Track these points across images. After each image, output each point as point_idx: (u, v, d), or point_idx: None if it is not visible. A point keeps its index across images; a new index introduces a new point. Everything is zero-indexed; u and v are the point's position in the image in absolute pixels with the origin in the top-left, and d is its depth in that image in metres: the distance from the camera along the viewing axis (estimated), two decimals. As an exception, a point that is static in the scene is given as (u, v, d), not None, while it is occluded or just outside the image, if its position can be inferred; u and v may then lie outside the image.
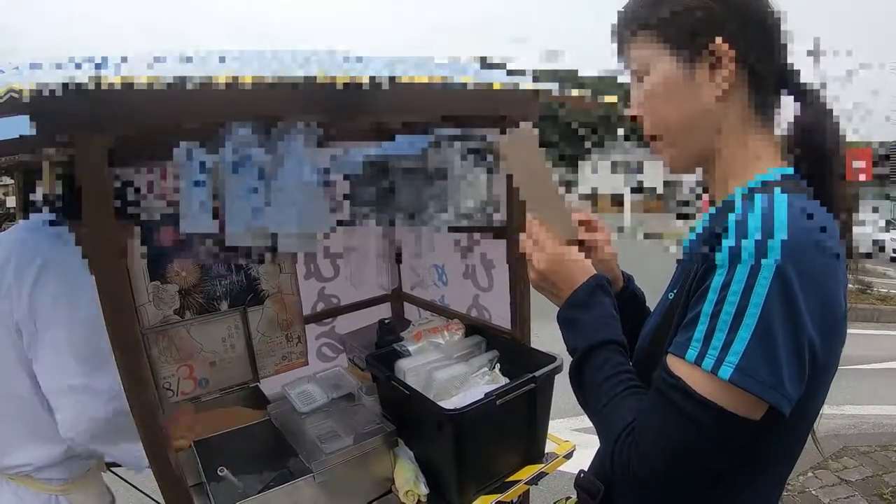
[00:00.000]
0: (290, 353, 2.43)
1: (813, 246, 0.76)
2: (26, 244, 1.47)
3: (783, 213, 0.76)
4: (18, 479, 1.50)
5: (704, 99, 0.92)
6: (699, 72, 0.91)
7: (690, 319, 0.82)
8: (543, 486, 1.82)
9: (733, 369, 0.75)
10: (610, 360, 0.95)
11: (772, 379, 0.75)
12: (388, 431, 1.65)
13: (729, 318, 0.76)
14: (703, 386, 0.78)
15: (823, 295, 0.77)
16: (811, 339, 0.76)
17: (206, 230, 1.47)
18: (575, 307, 1.03)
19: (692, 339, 0.80)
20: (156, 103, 1.08)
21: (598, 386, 0.94)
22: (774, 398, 0.75)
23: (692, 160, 0.99)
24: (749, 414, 0.77)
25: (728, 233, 0.78)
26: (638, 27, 0.96)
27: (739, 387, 0.75)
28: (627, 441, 0.85)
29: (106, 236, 1.13)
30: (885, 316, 9.28)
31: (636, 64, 0.98)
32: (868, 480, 3.71)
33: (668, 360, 0.84)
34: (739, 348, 0.75)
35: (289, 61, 1.35)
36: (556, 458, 1.78)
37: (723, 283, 0.77)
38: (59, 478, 1.53)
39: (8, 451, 1.48)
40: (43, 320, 1.42)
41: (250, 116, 1.29)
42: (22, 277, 1.42)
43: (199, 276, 2.13)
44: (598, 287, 1.03)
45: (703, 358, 0.78)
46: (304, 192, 1.53)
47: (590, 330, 0.99)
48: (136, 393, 1.24)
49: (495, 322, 2.15)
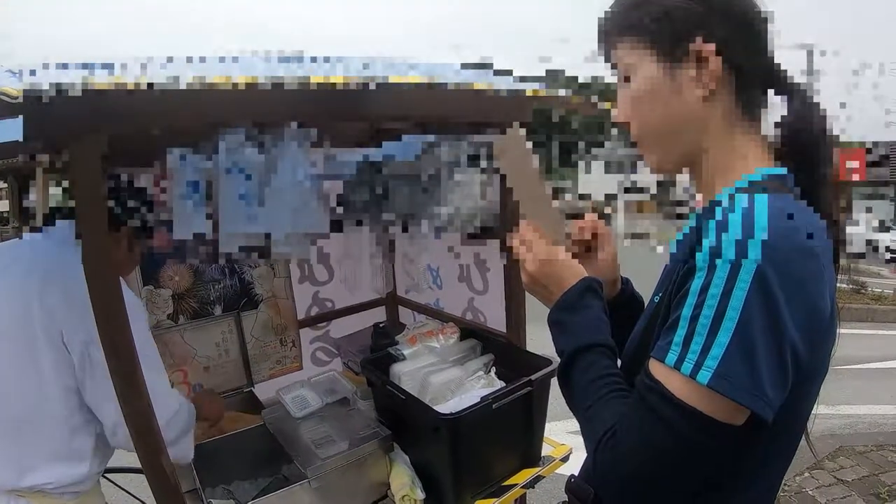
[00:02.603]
0: (285, 357, 2.42)
1: (794, 247, 0.75)
2: (68, 263, 1.39)
3: (763, 215, 0.75)
4: (30, 494, 1.46)
5: (689, 101, 0.91)
6: (683, 74, 0.90)
7: (671, 323, 0.81)
8: (540, 489, 1.82)
9: (711, 374, 0.74)
10: (596, 364, 0.94)
11: (751, 384, 0.73)
12: (384, 436, 1.65)
13: (708, 321, 0.75)
14: (681, 390, 0.77)
15: (806, 296, 0.76)
16: (793, 342, 0.75)
17: (200, 234, 1.46)
18: (564, 310, 1.02)
19: (672, 342, 0.79)
20: (149, 106, 1.08)
21: (583, 388, 0.94)
22: (754, 403, 0.74)
23: (678, 162, 0.99)
24: (729, 419, 0.76)
25: (708, 235, 0.78)
26: (621, 30, 0.96)
27: (718, 392, 0.74)
28: (609, 445, 0.85)
29: (100, 240, 1.13)
30: (879, 316, 9.32)
31: (621, 67, 0.97)
32: (864, 480, 3.71)
33: (649, 364, 0.83)
34: (718, 352, 0.74)
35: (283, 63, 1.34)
36: (553, 462, 1.77)
37: (702, 287, 0.77)
38: (72, 492, 1.50)
39: (29, 472, 1.44)
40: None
41: (243, 119, 1.29)
42: (73, 298, 1.35)
43: (193, 281, 2.12)
44: (588, 290, 1.02)
45: (682, 362, 0.77)
46: (298, 195, 1.52)
47: (578, 332, 0.98)
48: (130, 399, 1.24)
49: (491, 325, 2.15)
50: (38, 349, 1.41)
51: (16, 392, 1.42)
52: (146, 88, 0.96)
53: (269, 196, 1.48)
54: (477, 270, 2.16)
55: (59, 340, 1.40)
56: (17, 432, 1.43)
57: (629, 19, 0.94)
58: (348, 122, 1.81)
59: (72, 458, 1.47)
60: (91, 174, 1.08)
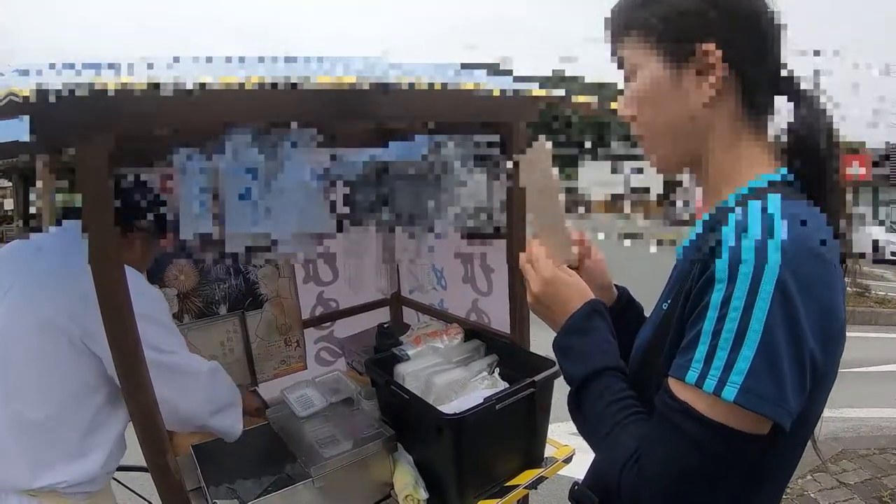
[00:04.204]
0: (289, 357, 2.43)
1: (810, 254, 0.74)
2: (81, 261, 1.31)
3: (779, 222, 0.74)
4: (42, 494, 1.45)
5: (692, 103, 0.90)
6: (687, 76, 0.89)
7: (690, 340, 0.80)
8: (543, 490, 1.82)
9: (738, 390, 0.73)
10: (610, 387, 0.93)
11: (777, 395, 0.73)
12: (388, 436, 1.65)
13: (731, 335, 0.74)
14: (708, 408, 0.76)
15: (823, 303, 0.75)
16: (812, 350, 0.74)
17: (206, 234, 1.47)
18: (571, 334, 1.01)
19: (692, 360, 0.78)
20: (157, 107, 1.08)
21: (599, 413, 0.92)
22: (779, 415, 0.74)
23: (680, 162, 0.98)
24: (757, 430, 0.76)
25: (724, 246, 0.77)
26: (628, 28, 0.95)
27: (745, 408, 0.73)
28: (633, 470, 0.84)
29: (106, 240, 1.14)
30: (883, 318, 9.29)
31: (627, 64, 0.96)
32: (867, 483, 3.71)
33: (669, 383, 0.82)
34: (743, 367, 0.73)
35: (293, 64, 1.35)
36: (556, 463, 1.77)
37: (723, 300, 0.75)
38: (83, 492, 1.50)
39: (43, 472, 1.44)
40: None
41: (250, 119, 1.29)
42: (88, 297, 1.25)
43: (198, 280, 2.13)
44: (595, 312, 1.01)
45: (703, 379, 0.76)
46: (303, 195, 1.53)
47: (587, 357, 0.97)
48: (135, 397, 1.24)
49: (494, 326, 2.15)
50: (58, 349, 1.41)
51: (36, 394, 1.42)
52: (153, 89, 0.97)
53: (275, 196, 1.49)
54: (481, 271, 2.16)
55: (78, 340, 1.40)
56: (34, 433, 1.42)
57: (636, 17, 0.93)
58: (354, 123, 1.81)
59: (85, 457, 1.47)
60: (98, 174, 1.09)
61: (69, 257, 1.45)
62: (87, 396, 1.46)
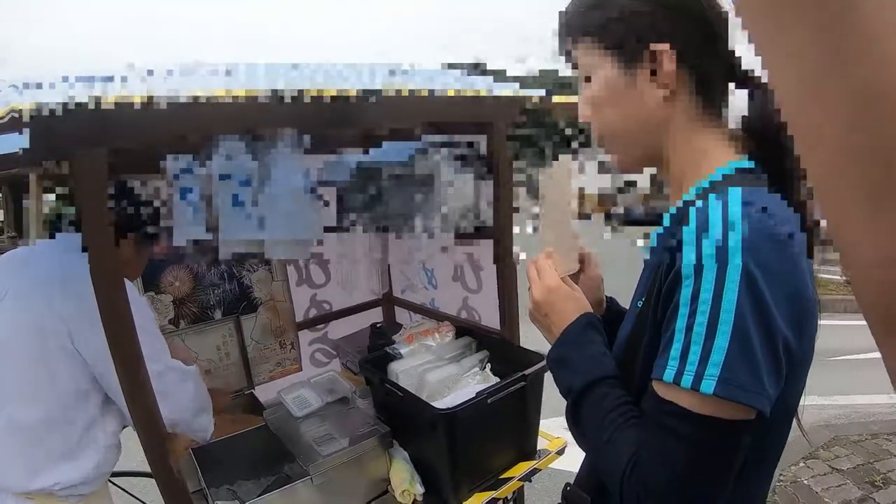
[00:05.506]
0: (284, 359, 2.45)
1: (772, 240, 0.75)
2: (77, 269, 1.32)
3: (738, 211, 0.75)
4: (38, 496, 1.48)
5: (648, 102, 0.91)
6: (640, 75, 0.90)
7: (667, 339, 0.81)
8: (537, 483, 1.85)
9: (715, 381, 0.74)
10: (609, 395, 0.93)
11: (754, 383, 0.74)
12: (383, 433, 1.68)
13: (703, 328, 0.75)
14: (691, 404, 0.77)
15: (789, 288, 0.76)
16: (785, 336, 0.75)
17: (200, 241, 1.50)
18: (567, 345, 1.01)
19: (669, 357, 0.79)
20: (153, 120, 1.11)
21: (600, 421, 0.92)
22: (758, 402, 0.75)
23: (641, 161, 0.99)
24: (745, 416, 0.77)
25: (687, 241, 0.77)
26: (580, 31, 0.95)
27: (725, 398, 0.74)
28: (633, 477, 0.84)
29: (105, 251, 1.16)
30: (872, 307, 9.31)
31: (581, 67, 0.97)
32: (859, 468, 3.73)
33: (653, 384, 0.83)
34: (718, 358, 0.74)
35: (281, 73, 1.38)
36: (549, 455, 1.80)
37: (692, 296, 0.76)
38: (78, 494, 1.53)
39: (39, 474, 1.46)
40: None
41: (243, 129, 1.32)
42: (83, 304, 1.32)
43: (193, 286, 2.15)
44: (590, 325, 1.02)
45: (681, 376, 0.76)
46: (294, 199, 1.55)
47: (585, 368, 0.97)
48: (137, 400, 1.27)
49: (485, 323, 2.18)
50: (52, 355, 1.44)
51: (31, 398, 1.45)
52: (149, 103, 1.00)
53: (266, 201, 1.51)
54: (471, 270, 2.19)
55: (70, 346, 1.44)
56: (30, 436, 1.45)
57: (588, 20, 0.94)
58: (342, 130, 1.84)
59: (78, 459, 1.50)
60: (96, 186, 1.11)
61: (62, 264, 1.49)
62: (79, 399, 1.49)
